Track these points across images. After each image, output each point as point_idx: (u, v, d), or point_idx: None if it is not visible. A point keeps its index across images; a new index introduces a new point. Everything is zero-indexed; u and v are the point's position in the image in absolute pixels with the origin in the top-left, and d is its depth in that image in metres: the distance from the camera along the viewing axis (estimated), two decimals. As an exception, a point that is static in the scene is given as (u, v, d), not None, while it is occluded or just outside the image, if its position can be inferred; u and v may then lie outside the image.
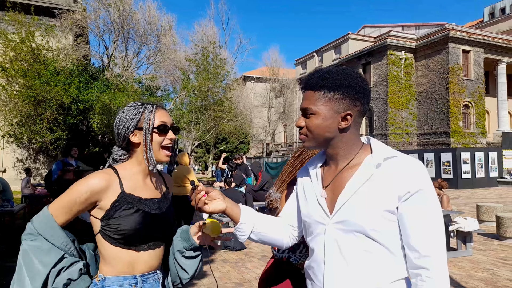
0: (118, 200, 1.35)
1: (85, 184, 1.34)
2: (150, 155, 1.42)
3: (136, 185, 1.43)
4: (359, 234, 1.16)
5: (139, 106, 1.46)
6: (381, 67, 32.04)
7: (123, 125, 1.43)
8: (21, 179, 12.10)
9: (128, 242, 1.35)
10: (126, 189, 1.39)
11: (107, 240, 1.34)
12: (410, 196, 1.13)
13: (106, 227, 1.34)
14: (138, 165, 1.45)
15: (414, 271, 1.14)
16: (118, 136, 1.45)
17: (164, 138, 1.45)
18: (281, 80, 39.02)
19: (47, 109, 14.59)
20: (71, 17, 17.32)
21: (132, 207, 1.36)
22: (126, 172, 1.43)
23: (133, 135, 1.44)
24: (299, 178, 1.44)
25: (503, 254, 6.30)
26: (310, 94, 1.24)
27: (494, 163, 20.43)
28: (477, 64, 30.20)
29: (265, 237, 1.39)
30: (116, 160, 1.50)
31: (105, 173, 1.39)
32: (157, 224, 1.42)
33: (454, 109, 28.78)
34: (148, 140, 1.42)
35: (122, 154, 1.49)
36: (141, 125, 1.43)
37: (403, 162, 1.17)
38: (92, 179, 1.35)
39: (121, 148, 1.49)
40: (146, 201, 1.42)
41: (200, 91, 20.59)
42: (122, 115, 1.45)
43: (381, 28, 38.56)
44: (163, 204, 1.49)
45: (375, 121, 32.66)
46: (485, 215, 8.94)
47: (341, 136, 1.22)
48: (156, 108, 1.46)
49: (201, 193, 1.30)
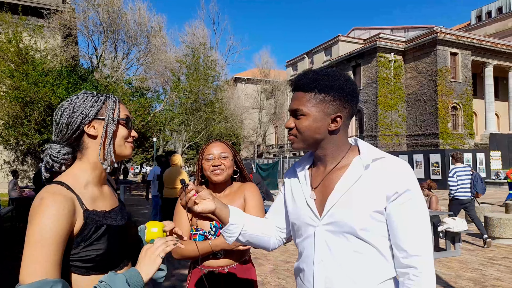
0: (86, 223, 1.10)
1: (56, 215, 1.02)
2: (109, 151, 1.19)
3: (93, 196, 1.18)
4: (349, 235, 1.16)
5: (98, 95, 1.23)
6: (370, 69, 32.32)
7: (79, 112, 1.16)
8: (7, 182, 11.91)
9: (102, 267, 1.12)
10: (87, 205, 1.13)
11: (77, 272, 1.09)
12: (398, 196, 1.14)
13: (72, 257, 1.08)
14: (91, 169, 1.19)
15: (402, 270, 1.15)
16: (69, 126, 1.16)
17: (129, 134, 1.26)
18: (272, 81, 39.12)
19: (35, 111, 14.39)
20: (59, 17, 17.13)
21: (101, 226, 1.13)
22: (78, 182, 1.15)
23: (89, 127, 1.18)
24: (286, 179, 1.43)
25: (491, 254, 6.38)
26: (300, 95, 1.23)
27: (482, 164, 20.73)
28: (465, 66, 30.66)
29: (253, 239, 1.38)
30: (57, 161, 1.19)
31: (61, 193, 1.07)
32: (126, 237, 1.24)
33: (442, 111, 29.16)
34: (110, 132, 1.19)
35: (66, 153, 1.19)
36: (103, 115, 1.20)
37: (391, 163, 1.18)
38: (57, 205, 1.03)
39: (65, 145, 1.19)
40: (110, 213, 1.19)
41: (190, 92, 20.51)
42: (76, 101, 1.18)
43: (370, 30, 38.93)
44: (124, 212, 1.29)
45: (365, 123, 32.91)
46: (473, 215, 9.04)
47: (330, 138, 1.22)
48: (119, 100, 1.27)
49: (191, 193, 1.26)
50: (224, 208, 1.32)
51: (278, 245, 1.46)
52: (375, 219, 1.15)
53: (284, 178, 1.45)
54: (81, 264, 1.09)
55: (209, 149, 1.88)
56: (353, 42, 37.34)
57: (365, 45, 33.80)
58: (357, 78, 33.95)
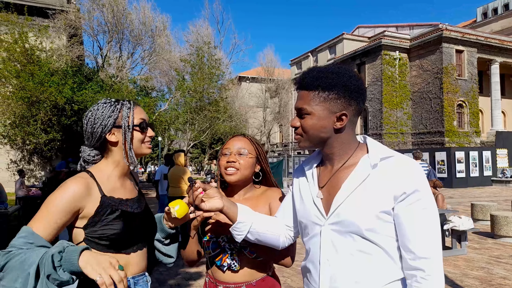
0: (101, 205, 1.29)
1: (66, 192, 1.23)
2: (131, 154, 1.36)
3: (114, 186, 1.36)
4: (355, 235, 1.15)
5: (115, 103, 1.37)
6: (375, 67, 32.17)
7: (99, 124, 1.33)
8: (14, 181, 12.01)
9: (117, 246, 1.30)
10: (106, 192, 1.32)
11: (95, 247, 1.26)
12: (406, 197, 1.12)
13: (92, 234, 1.27)
14: (115, 166, 1.38)
15: (410, 272, 1.13)
16: (93, 135, 1.35)
17: (145, 136, 1.41)
18: (276, 80, 39.06)
19: (41, 110, 14.48)
20: (64, 17, 17.22)
21: (116, 210, 1.30)
22: (102, 174, 1.36)
23: (110, 134, 1.35)
24: (295, 178, 1.42)
25: (498, 253, 6.34)
26: (304, 93, 1.22)
27: (488, 162, 20.58)
28: (471, 64, 30.41)
29: (262, 237, 1.37)
30: (88, 161, 1.40)
31: (82, 178, 1.29)
32: (141, 223, 1.39)
33: (448, 109, 28.96)
34: (128, 138, 1.35)
35: (96, 155, 1.40)
36: (120, 123, 1.35)
37: (399, 162, 1.16)
38: (71, 186, 1.25)
39: (93, 148, 1.39)
40: (127, 201, 1.37)
41: (195, 91, 20.56)
42: (96, 112, 1.35)
43: (375, 28, 38.71)
44: (142, 202, 1.46)
45: (370, 121, 32.77)
46: (479, 214, 8.99)
47: (337, 136, 1.21)
48: (134, 105, 1.40)
49: (198, 190, 1.27)
50: (232, 206, 1.31)
51: (288, 243, 1.45)
52: (382, 219, 1.13)
53: (293, 177, 1.45)
54: (99, 242, 1.27)
55: (228, 143, 1.63)
56: (357, 40, 37.15)
57: (369, 43, 33.63)
58: (362, 76, 33.72)
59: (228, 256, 1.52)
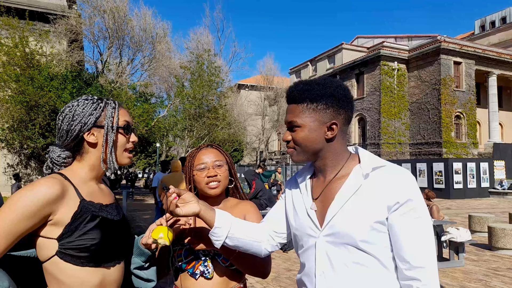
0: (80, 211, 1.12)
1: (33, 193, 1.04)
2: (111, 158, 1.21)
3: (92, 190, 1.21)
4: (350, 246, 1.14)
5: (98, 101, 1.23)
6: (374, 77, 32.35)
7: (78, 121, 1.17)
8: (11, 185, 11.95)
9: (97, 259, 1.13)
10: (85, 196, 1.16)
11: (71, 261, 1.09)
12: (399, 207, 1.11)
13: (67, 245, 1.08)
14: (89, 169, 1.22)
15: (405, 282, 1.12)
16: (68, 133, 1.18)
17: (128, 140, 1.27)
18: (275, 88, 39.21)
19: (39, 115, 14.46)
20: (65, 22, 17.30)
21: (97, 217, 1.15)
22: (76, 178, 1.18)
23: (89, 134, 1.19)
24: (287, 189, 1.41)
25: (495, 265, 6.32)
26: (293, 107, 1.23)
27: (486, 174, 20.61)
28: (469, 75, 30.63)
29: (242, 243, 1.32)
30: (57, 163, 1.21)
31: (54, 179, 1.11)
32: (120, 232, 1.25)
33: (446, 120, 29.10)
34: (110, 140, 1.21)
35: (67, 157, 1.22)
36: (102, 123, 1.21)
37: (391, 172, 1.16)
38: (41, 186, 1.06)
39: (65, 149, 1.21)
40: (107, 207, 1.22)
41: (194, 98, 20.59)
42: (76, 108, 1.19)
43: (374, 38, 39.03)
44: (119, 209, 1.31)
45: (368, 131, 32.86)
46: (477, 225, 8.99)
47: (329, 146, 1.21)
48: (119, 105, 1.26)
49: (172, 196, 1.22)
50: (210, 211, 1.27)
51: (271, 250, 1.41)
52: (376, 229, 1.13)
53: (285, 187, 1.44)
54: (76, 253, 1.09)
55: (200, 157, 1.58)
56: (356, 50, 37.42)
57: (368, 53, 33.87)
58: (360, 86, 33.98)
59: (201, 263, 1.48)
